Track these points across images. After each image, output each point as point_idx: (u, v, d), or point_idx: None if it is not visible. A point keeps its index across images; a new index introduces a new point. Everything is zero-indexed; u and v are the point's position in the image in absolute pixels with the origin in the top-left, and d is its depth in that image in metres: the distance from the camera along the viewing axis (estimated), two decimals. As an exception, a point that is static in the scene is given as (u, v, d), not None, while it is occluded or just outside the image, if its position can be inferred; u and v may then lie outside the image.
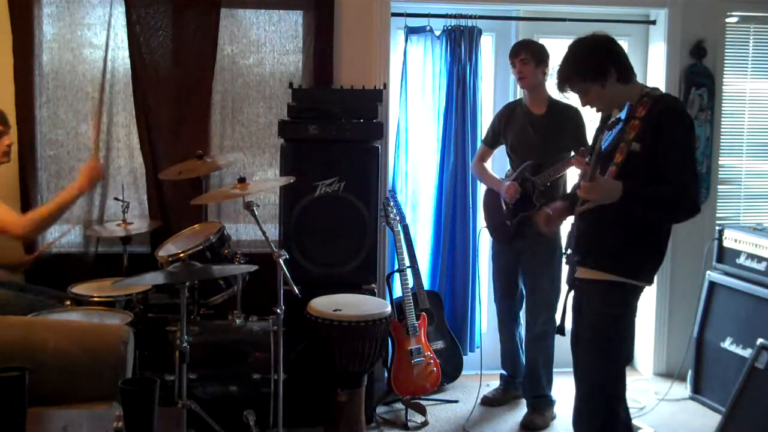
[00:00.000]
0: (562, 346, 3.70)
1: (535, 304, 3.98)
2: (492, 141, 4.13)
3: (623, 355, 2.85)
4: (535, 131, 3.91)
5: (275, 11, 4.24)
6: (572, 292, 2.90)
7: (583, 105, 2.84)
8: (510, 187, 3.91)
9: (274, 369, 3.23)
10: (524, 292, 4.07)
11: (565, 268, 3.02)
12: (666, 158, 2.61)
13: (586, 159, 2.86)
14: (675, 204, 2.64)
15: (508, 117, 4.04)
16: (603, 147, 2.76)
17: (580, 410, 2.88)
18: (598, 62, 2.70)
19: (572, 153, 3.87)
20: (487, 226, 4.16)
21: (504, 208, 4.00)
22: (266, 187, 4.05)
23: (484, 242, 4.38)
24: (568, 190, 3.76)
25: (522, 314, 4.16)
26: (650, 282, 2.81)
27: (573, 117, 3.88)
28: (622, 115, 2.63)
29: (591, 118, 3.87)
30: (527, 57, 3.86)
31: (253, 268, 3.09)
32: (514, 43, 4.06)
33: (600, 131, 2.92)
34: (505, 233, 4.02)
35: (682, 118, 2.70)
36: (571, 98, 2.98)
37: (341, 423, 3.54)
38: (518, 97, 4.28)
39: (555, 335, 3.84)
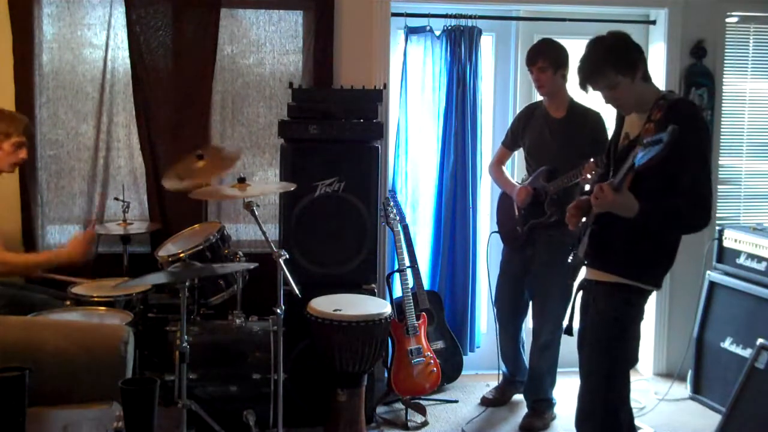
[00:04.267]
0: (565, 346, 3.71)
1: (543, 313, 3.90)
2: (511, 143, 4.06)
3: (627, 358, 2.83)
4: (553, 136, 3.81)
5: (275, 11, 4.24)
6: (580, 293, 2.89)
7: (607, 102, 2.77)
8: (521, 191, 3.85)
9: (274, 369, 3.23)
10: (530, 299, 4.00)
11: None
12: (681, 168, 2.58)
13: (598, 170, 2.79)
14: (691, 217, 2.61)
15: (527, 119, 3.94)
16: (637, 163, 2.55)
17: (583, 411, 2.87)
18: (630, 54, 2.69)
19: (591, 160, 3.70)
20: (499, 231, 4.13)
21: (516, 213, 3.95)
22: (265, 191, 4.03)
23: (484, 242, 4.36)
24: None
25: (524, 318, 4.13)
26: (658, 286, 2.79)
27: (593, 121, 3.74)
28: (664, 137, 2.43)
29: (612, 127, 3.81)
30: (545, 65, 3.72)
31: (253, 265, 3.09)
32: (531, 47, 3.89)
33: (617, 135, 2.85)
34: (516, 239, 3.97)
35: (697, 126, 2.65)
36: (582, 98, 2.86)
37: (341, 423, 3.54)
38: (520, 97, 4.27)
39: (560, 342, 3.83)
